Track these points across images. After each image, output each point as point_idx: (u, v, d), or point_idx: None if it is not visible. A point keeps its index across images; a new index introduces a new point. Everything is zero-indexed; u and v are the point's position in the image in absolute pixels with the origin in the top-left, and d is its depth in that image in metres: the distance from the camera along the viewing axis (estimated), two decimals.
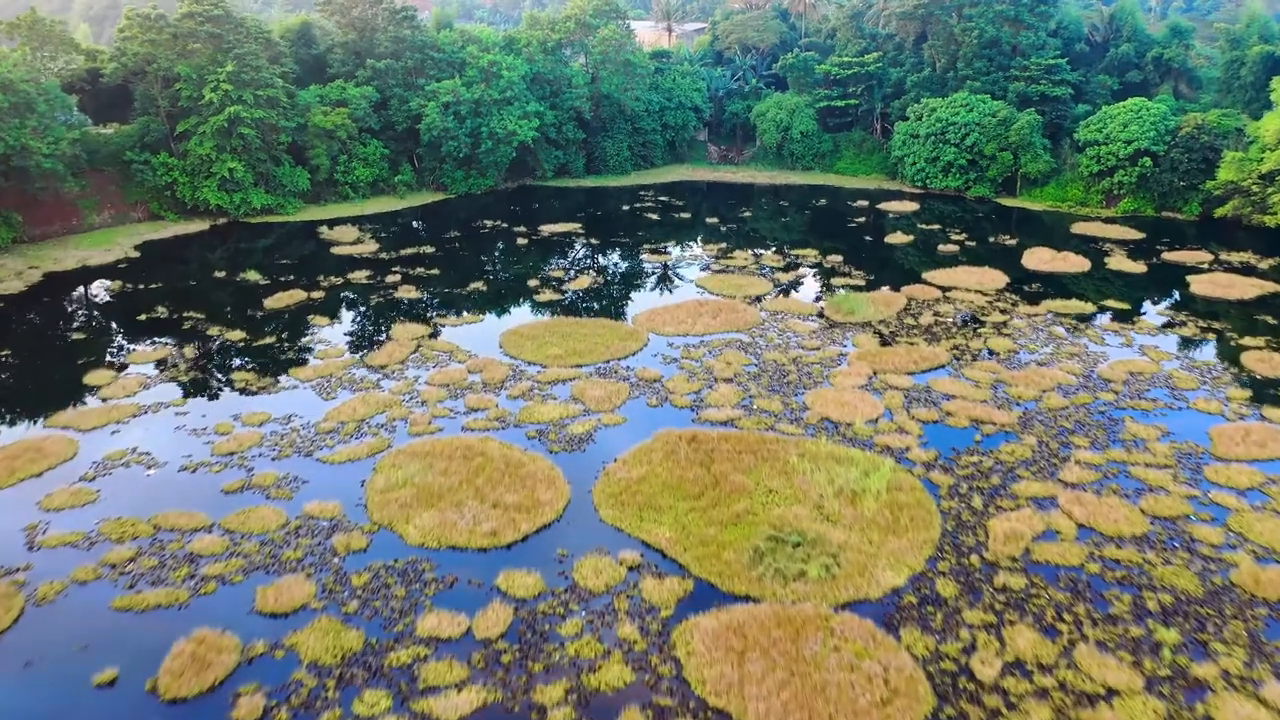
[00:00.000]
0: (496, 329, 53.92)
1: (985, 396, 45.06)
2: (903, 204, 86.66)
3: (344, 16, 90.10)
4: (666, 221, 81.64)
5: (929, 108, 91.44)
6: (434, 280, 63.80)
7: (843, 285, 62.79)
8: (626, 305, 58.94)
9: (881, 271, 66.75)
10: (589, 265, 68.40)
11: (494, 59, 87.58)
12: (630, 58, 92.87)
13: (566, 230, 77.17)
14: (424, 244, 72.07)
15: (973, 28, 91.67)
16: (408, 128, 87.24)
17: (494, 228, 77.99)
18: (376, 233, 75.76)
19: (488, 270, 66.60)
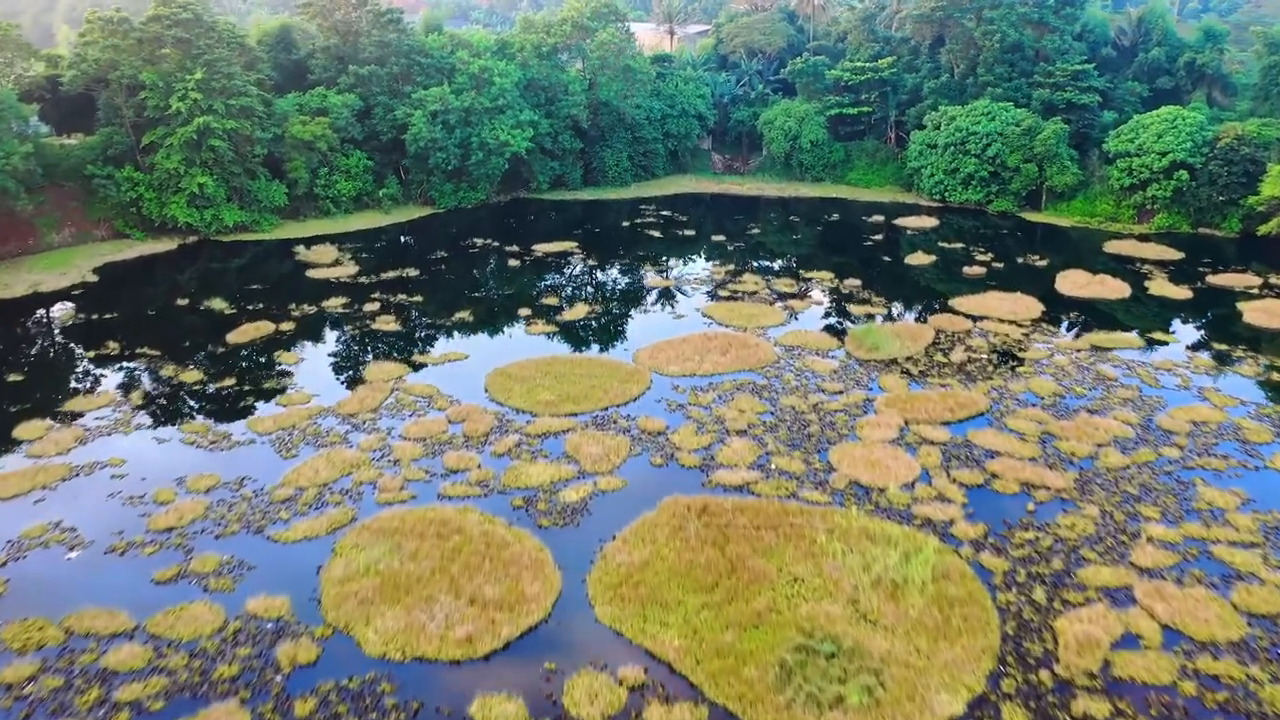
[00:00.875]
0: (482, 367, 48.53)
1: (1033, 453, 39.70)
2: (921, 219, 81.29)
3: (326, 19, 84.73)
4: (669, 238, 76.29)
5: (947, 116, 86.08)
6: (416, 308, 58.42)
7: (863, 314, 57.43)
8: (627, 338, 53.56)
9: (904, 298, 61.41)
10: (586, 291, 63.00)
11: (485, 65, 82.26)
12: (630, 63, 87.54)
13: (562, 250, 71.79)
14: (407, 266, 66.67)
15: (994, 31, 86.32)
16: (393, 138, 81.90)
17: (484, 246, 72.60)
18: (357, 253, 70.35)
19: (475, 296, 61.17)
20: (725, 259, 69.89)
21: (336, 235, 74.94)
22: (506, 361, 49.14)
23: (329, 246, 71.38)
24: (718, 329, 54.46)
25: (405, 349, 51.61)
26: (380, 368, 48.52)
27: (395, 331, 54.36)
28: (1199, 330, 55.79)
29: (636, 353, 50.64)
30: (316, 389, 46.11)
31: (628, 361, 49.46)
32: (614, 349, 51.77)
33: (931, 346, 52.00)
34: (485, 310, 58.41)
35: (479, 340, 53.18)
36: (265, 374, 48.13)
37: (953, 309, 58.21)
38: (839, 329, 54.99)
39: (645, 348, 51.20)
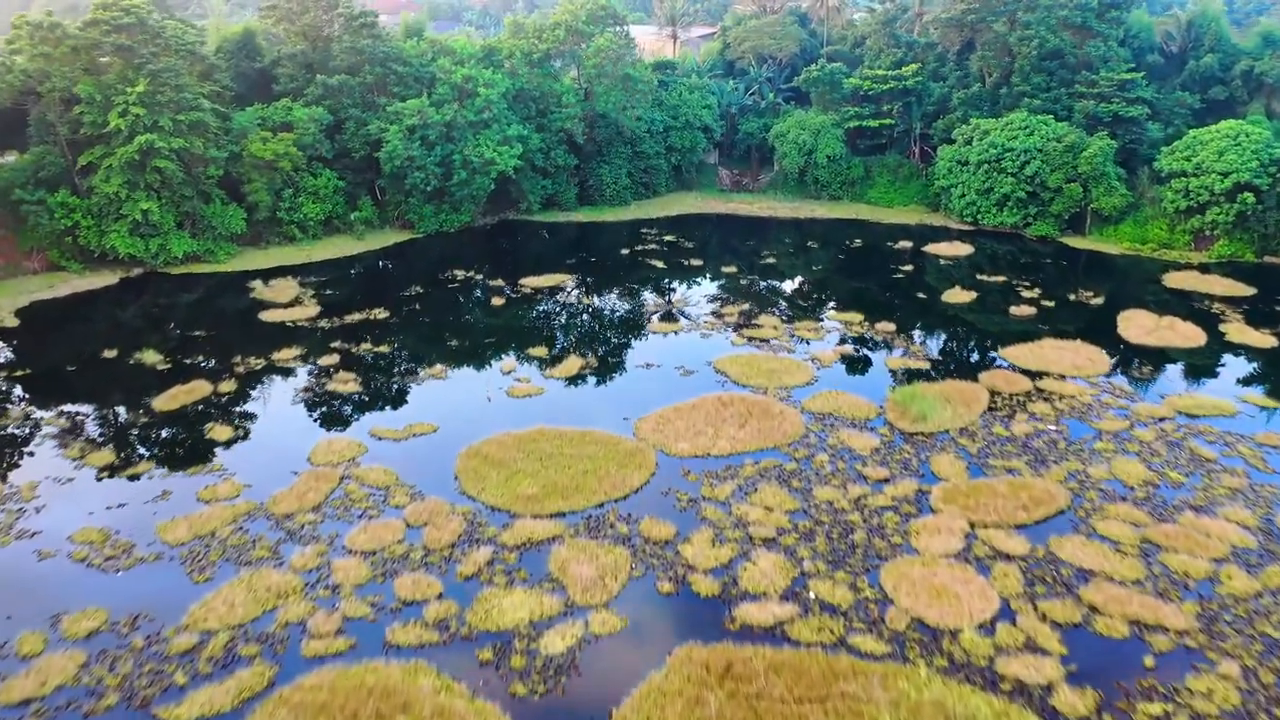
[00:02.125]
0: (454, 444, 40.39)
1: (1136, 572, 31.60)
2: (953, 246, 73.14)
3: (292, 23, 76.55)
4: (674, 267, 68.17)
5: (980, 130, 77.98)
6: (381, 363, 50.24)
7: (901, 369, 49.30)
8: (626, 402, 45.34)
9: (947, 347, 53.29)
10: (579, 338, 54.81)
11: (469, 74, 74.08)
12: (630, 71, 79.35)
13: (553, 284, 63.60)
14: (376, 305, 58.45)
15: (1030, 37, 78.24)
16: (367, 155, 73.73)
17: (465, 280, 64.39)
18: (322, 288, 62.13)
19: (451, 346, 52.94)
20: (737, 295, 61.71)
21: (300, 266, 66.72)
22: (483, 435, 40.95)
23: (290, 280, 63.15)
24: (733, 390, 46.32)
25: (363, 418, 43.40)
26: (330, 445, 40.32)
27: (353, 394, 46.16)
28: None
29: (638, 423, 42.50)
30: (250, 477, 37.90)
31: (627, 436, 41.29)
32: (611, 416, 43.59)
33: (988, 414, 43.89)
34: (462, 364, 50.19)
35: (452, 405, 44.96)
36: (190, 456, 39.90)
37: (1005, 362, 50.12)
38: (875, 387, 46.84)
39: (648, 416, 43.05)
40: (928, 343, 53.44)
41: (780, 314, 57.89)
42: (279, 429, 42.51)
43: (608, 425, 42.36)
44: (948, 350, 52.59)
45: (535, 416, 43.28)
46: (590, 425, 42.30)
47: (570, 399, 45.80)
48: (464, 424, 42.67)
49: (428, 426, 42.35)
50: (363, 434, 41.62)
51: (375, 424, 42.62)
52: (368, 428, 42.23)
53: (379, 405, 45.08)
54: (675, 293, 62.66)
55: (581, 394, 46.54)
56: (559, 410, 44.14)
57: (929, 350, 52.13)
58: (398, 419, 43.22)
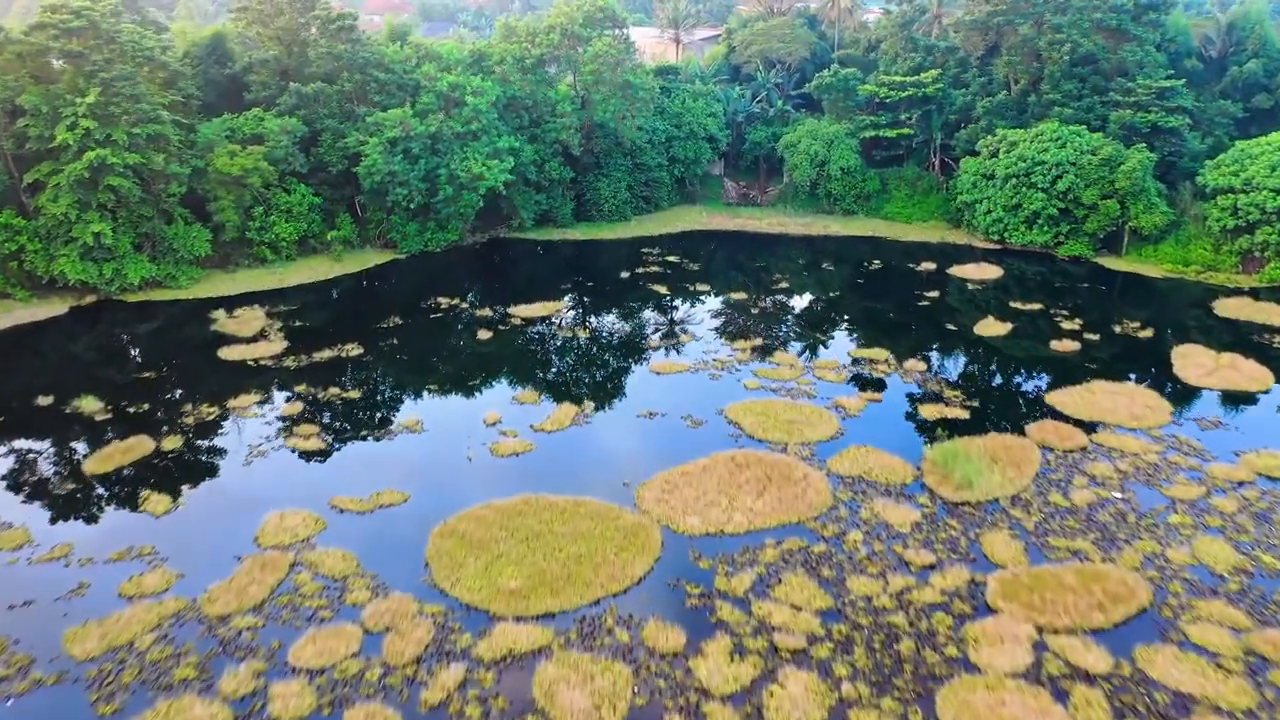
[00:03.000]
0: (426, 518, 34.79)
1: (1246, 698, 25.98)
2: (980, 268, 67.45)
3: (265, 26, 70.86)
4: (678, 292, 62.54)
5: (1007, 141, 72.37)
6: (350, 412, 44.59)
7: (937, 417, 43.65)
8: (625, 462, 39.69)
9: (986, 391, 47.61)
10: (572, 380, 49.15)
11: (455, 81, 68.40)
12: (630, 77, 73.67)
13: (545, 313, 57.92)
14: (349, 339, 52.79)
15: (1062, 41, 72.60)
16: (345, 170, 68.06)
17: (450, 309, 58.69)
18: (291, 318, 56.45)
19: (429, 390, 47.22)
20: (749, 325, 56.06)
21: (270, 293, 61.02)
22: (461, 507, 35.35)
23: (256, 310, 57.46)
24: (748, 446, 40.68)
25: (323, 484, 37.72)
26: (283, 521, 34.67)
27: (316, 453, 40.49)
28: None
29: (640, 489, 36.89)
30: (184, 563, 32.27)
31: (628, 507, 35.67)
32: (608, 479, 37.95)
33: (1041, 477, 38.26)
34: (440, 414, 44.48)
35: (428, 466, 39.30)
36: (118, 535, 34.23)
37: (1054, 410, 44.49)
38: (910, 442, 41.21)
39: (652, 481, 37.43)
40: (964, 385, 47.77)
41: (797, 349, 52.20)
42: (225, 499, 36.81)
43: (605, 492, 36.72)
44: (987, 395, 46.90)
45: (522, 480, 37.66)
46: (585, 492, 36.66)
47: (562, 457, 40.12)
48: (440, 491, 37.04)
49: (397, 496, 36.64)
50: (322, 505, 35.94)
51: (337, 491, 36.92)
52: (328, 496, 36.53)
53: (343, 467, 39.38)
54: (679, 323, 56.98)
55: (575, 450, 40.86)
56: (549, 472, 38.51)
57: (966, 395, 46.44)
58: (364, 484, 37.52)
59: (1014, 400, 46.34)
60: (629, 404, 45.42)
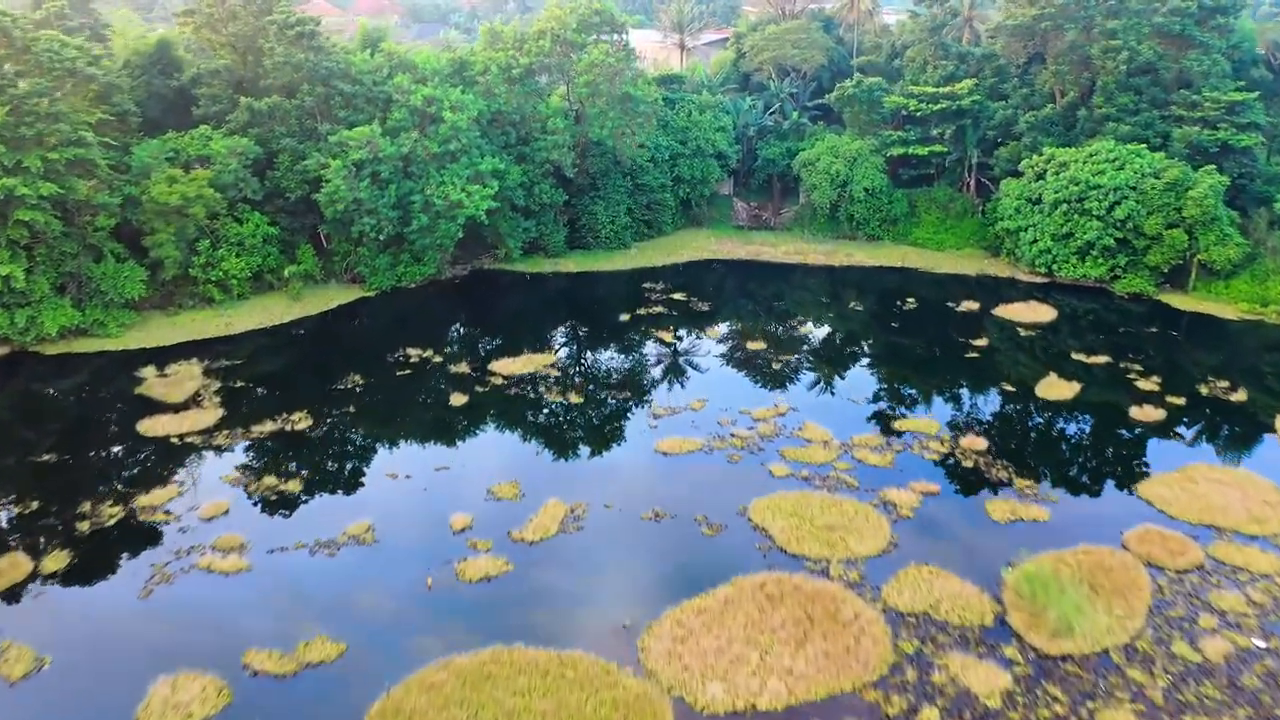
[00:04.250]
0: (363, 685, 26.47)
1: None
2: (1029, 308, 59.11)
3: (216, 32, 62.46)
4: (687, 339, 54.28)
5: (1056, 162, 64.10)
6: (285, 510, 36.25)
7: (1011, 521, 35.35)
8: (627, 587, 31.36)
9: (1063, 477, 39.21)
10: (561, 466, 40.69)
11: (431, 94, 60.02)
12: (630, 89, 65.20)
13: (531, 369, 49.54)
14: (298, 406, 44.45)
15: (1118, 48, 64.33)
16: (305, 196, 59.71)
17: (420, 364, 50.28)
18: (231, 377, 48.08)
19: (386, 481, 38.68)
20: (770, 385, 47.74)
21: (214, 342, 52.67)
22: (412, 667, 27.07)
23: (193, 365, 49.11)
24: (779, 564, 32.37)
25: (238, 629, 29.32)
26: (174, 693, 26.29)
27: (236, 575, 32.13)
28: None
29: (645, 636, 28.62)
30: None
31: (628, 667, 27.34)
32: (604, 619, 29.65)
33: (1155, 614, 29.97)
34: (398, 515, 36.03)
35: (375, 598, 30.94)
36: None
37: (1152, 505, 36.24)
38: (982, 559, 32.91)
39: (659, 622, 29.16)
40: (1035, 469, 39.43)
41: (829, 418, 43.82)
42: (107, 655, 28.38)
43: (600, 639, 28.45)
44: (1066, 484, 38.51)
45: (494, 620, 29.36)
46: (574, 640, 28.42)
47: (546, 583, 31.76)
48: (387, 639, 28.70)
49: (331, 649, 28.22)
50: (231, 663, 27.56)
51: (255, 640, 28.52)
52: (241, 648, 28.14)
53: (268, 600, 30.99)
54: (689, 381, 48.65)
55: (563, 572, 32.46)
56: (529, 606, 30.21)
57: (1040, 484, 38.11)
58: (291, 627, 29.15)
59: (1101, 494, 37.98)
60: (630, 499, 36.99)
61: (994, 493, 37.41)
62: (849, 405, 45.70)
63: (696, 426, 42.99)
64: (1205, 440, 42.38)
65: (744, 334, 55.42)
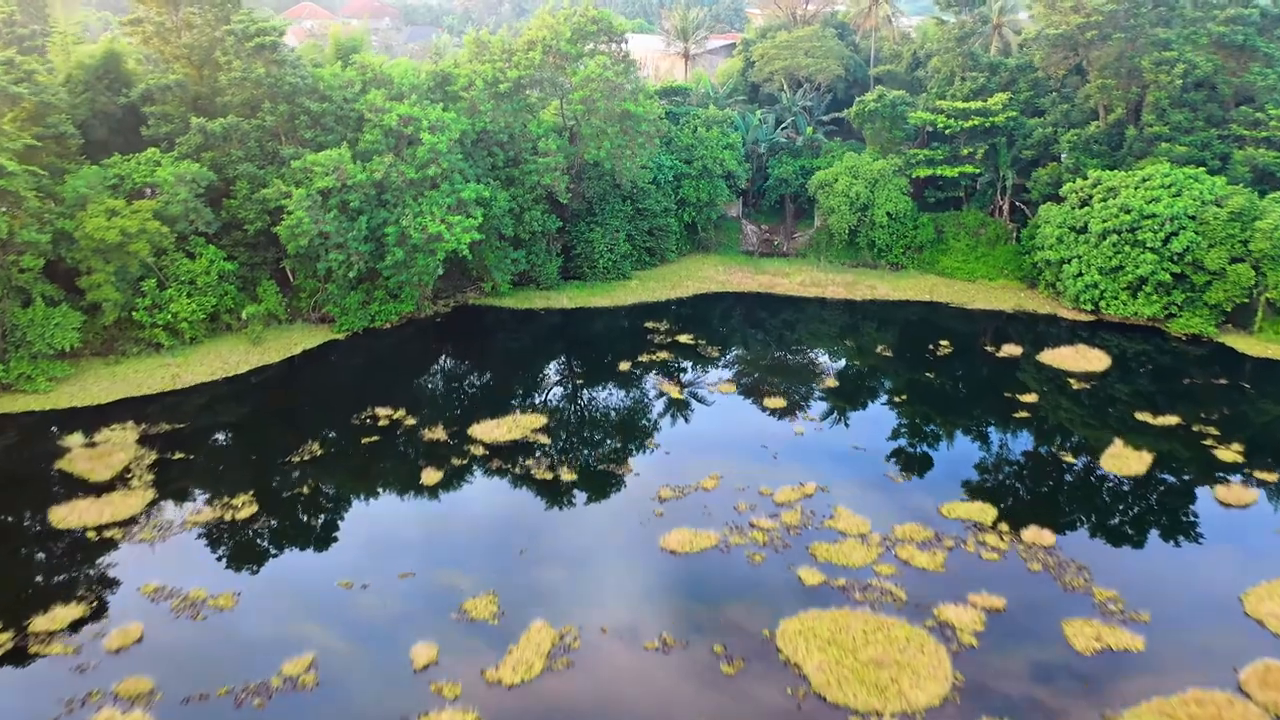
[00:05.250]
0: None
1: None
2: (1078, 353, 52.69)
3: (167, 42, 56.00)
4: (695, 393, 47.89)
5: (1103, 187, 57.75)
6: (213, 636, 29.75)
7: (1098, 649, 28.92)
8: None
9: (1151, 585, 32.66)
10: (548, 573, 34.12)
11: (408, 113, 53.58)
12: (630, 106, 58.67)
13: (517, 434, 43.06)
14: (242, 486, 38.02)
15: (1172, 60, 58.00)
16: (266, 227, 53.27)
17: (390, 428, 43.78)
18: (170, 446, 41.59)
19: (339, 595, 32.22)
20: (792, 457, 41.32)
21: (156, 399, 46.26)
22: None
23: (128, 430, 42.68)
24: (820, 709, 25.96)
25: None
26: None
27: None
28: None
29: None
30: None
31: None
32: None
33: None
34: (347, 648, 29.49)
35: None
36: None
37: (1265, 628, 29.84)
38: (1066, 700, 26.49)
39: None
40: (1116, 573, 32.99)
41: (865, 501, 37.40)
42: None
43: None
44: (1156, 596, 32.02)
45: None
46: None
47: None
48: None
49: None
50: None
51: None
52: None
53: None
54: (699, 449, 42.20)
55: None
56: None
57: (1126, 596, 31.64)
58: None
59: (1201, 610, 31.50)
60: (632, 619, 30.52)
61: (1071, 609, 30.95)
62: (886, 483, 39.24)
63: (709, 514, 36.53)
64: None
65: (759, 388, 48.95)
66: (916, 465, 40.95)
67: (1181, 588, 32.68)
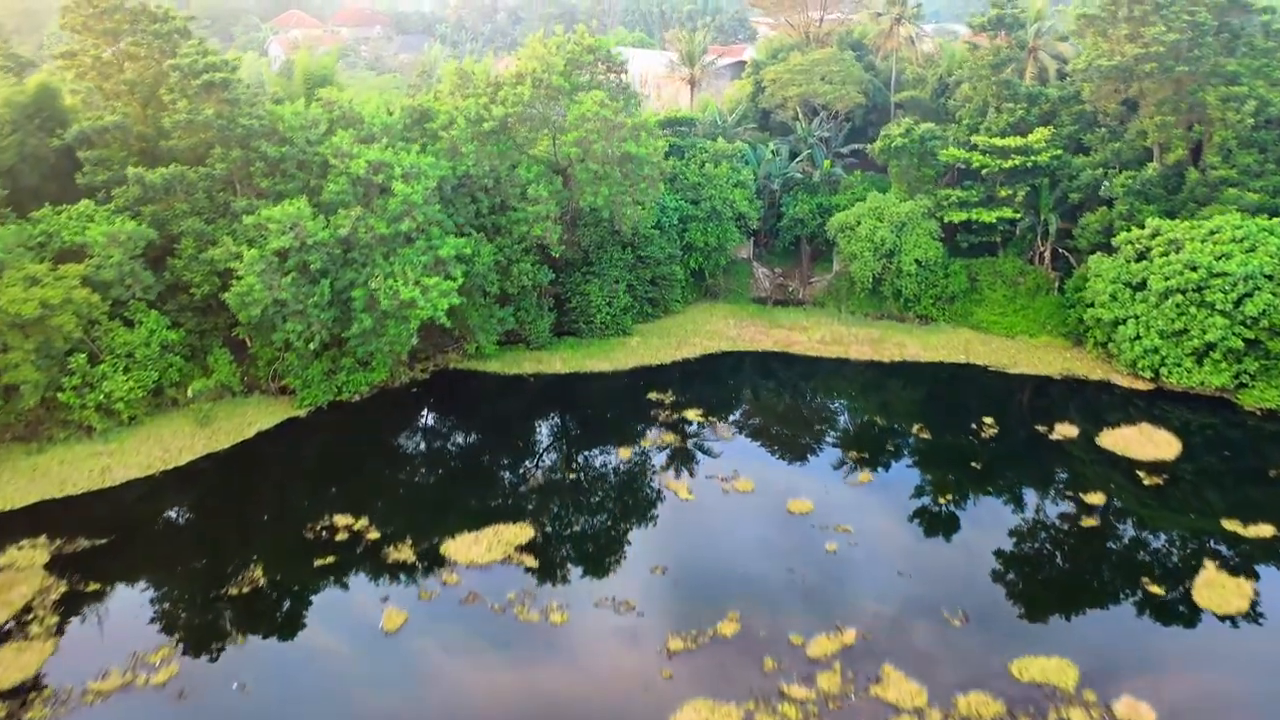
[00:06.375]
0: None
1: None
2: (1143, 434, 46.14)
3: (106, 78, 49.43)
4: (706, 491, 41.39)
5: (1164, 238, 51.31)
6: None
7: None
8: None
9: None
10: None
11: (378, 159, 47.01)
12: (632, 148, 52.01)
13: (500, 554, 36.52)
14: (162, 640, 31.49)
15: (1242, 96, 51.53)
16: (216, 290, 46.71)
17: (348, 544, 37.18)
18: (85, 573, 35.04)
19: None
20: (828, 589, 34.79)
21: (80, 501, 39.73)
22: None
23: (38, 549, 36.14)
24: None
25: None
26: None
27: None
28: None
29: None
30: None
31: None
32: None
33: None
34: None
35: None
36: None
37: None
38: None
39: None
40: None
41: (916, 656, 30.88)
42: None
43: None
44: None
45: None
46: None
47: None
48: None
49: None
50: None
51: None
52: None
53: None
54: (714, 575, 35.66)
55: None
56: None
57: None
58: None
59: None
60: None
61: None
62: (940, 627, 32.67)
63: (729, 675, 29.97)
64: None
65: (780, 483, 42.37)
66: (974, 598, 34.39)
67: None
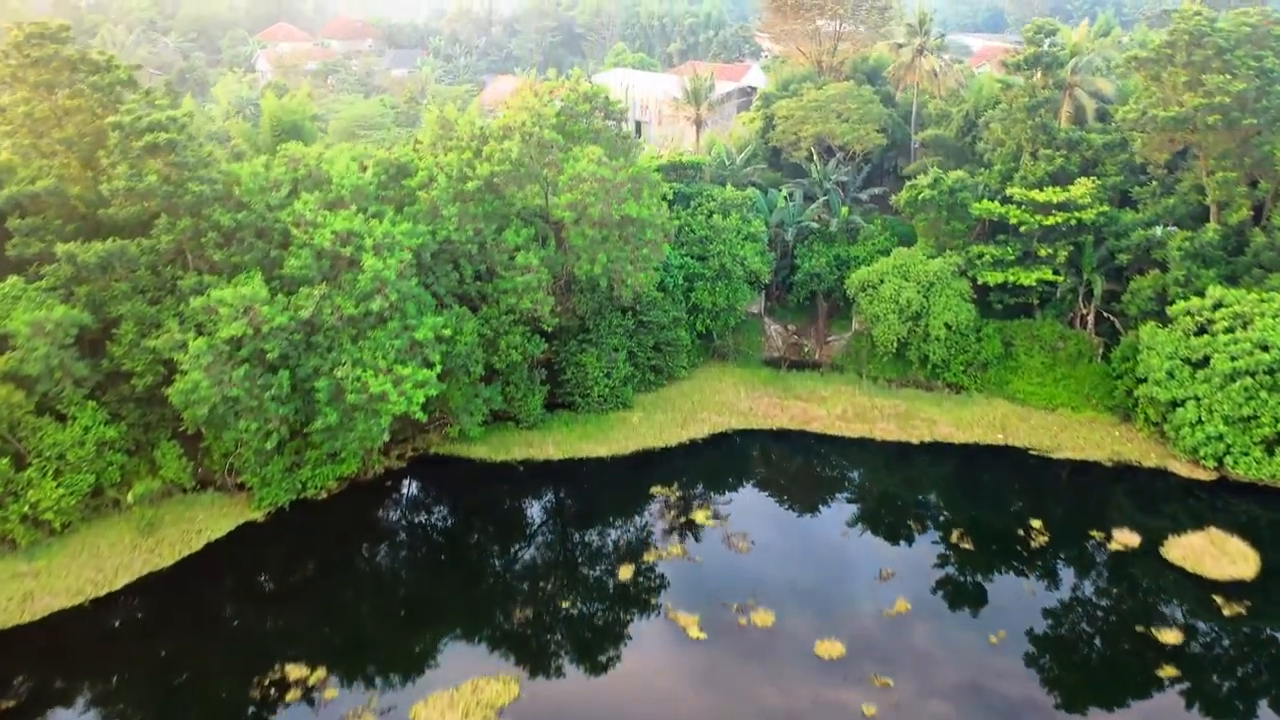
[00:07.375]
0: None
1: None
2: (1213, 544, 40.56)
3: (40, 136, 43.87)
4: (716, 613, 35.83)
5: (1229, 311, 45.82)
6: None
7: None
8: None
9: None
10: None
11: (347, 229, 41.47)
12: (632, 209, 46.34)
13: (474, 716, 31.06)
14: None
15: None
16: (161, 379, 41.15)
17: (303, 697, 31.70)
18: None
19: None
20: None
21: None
22: None
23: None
24: None
25: None
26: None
27: None
28: None
29: None
30: None
31: None
32: None
33: None
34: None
35: None
36: None
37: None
38: None
39: None
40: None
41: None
42: None
43: None
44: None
45: None
46: None
47: None
48: None
49: None
50: None
51: None
52: None
53: None
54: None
55: None
56: None
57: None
58: None
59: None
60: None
61: None
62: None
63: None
64: None
65: (804, 617, 36.72)
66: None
67: None
